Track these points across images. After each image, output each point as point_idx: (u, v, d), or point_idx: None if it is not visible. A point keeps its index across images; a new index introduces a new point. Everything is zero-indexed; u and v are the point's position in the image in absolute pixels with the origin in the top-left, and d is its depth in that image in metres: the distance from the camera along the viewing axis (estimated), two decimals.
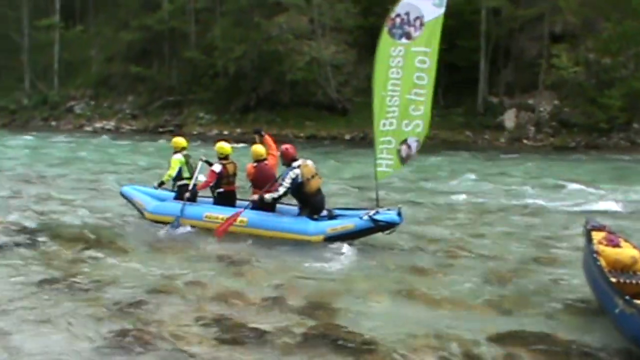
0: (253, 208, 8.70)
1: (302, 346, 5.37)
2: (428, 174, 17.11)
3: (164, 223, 9.37)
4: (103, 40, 40.99)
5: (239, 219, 8.67)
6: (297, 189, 8.57)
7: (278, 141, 10.04)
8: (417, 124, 8.52)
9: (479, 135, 27.23)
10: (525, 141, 26.45)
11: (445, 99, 27.50)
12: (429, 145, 24.78)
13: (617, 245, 6.21)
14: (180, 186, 9.84)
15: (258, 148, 9.26)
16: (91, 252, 8.42)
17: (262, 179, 8.95)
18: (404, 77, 8.46)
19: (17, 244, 8.83)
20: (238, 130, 30.99)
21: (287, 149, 8.87)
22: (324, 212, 8.86)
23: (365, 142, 26.52)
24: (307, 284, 7.07)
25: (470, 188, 14.61)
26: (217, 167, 9.45)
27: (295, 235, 8.52)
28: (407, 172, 16.27)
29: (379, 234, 8.59)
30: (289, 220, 8.70)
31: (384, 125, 8.57)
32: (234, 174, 9.63)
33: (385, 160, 8.70)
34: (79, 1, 43.75)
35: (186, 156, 10.05)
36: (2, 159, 20.44)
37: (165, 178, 9.93)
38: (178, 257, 8.18)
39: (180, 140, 10.25)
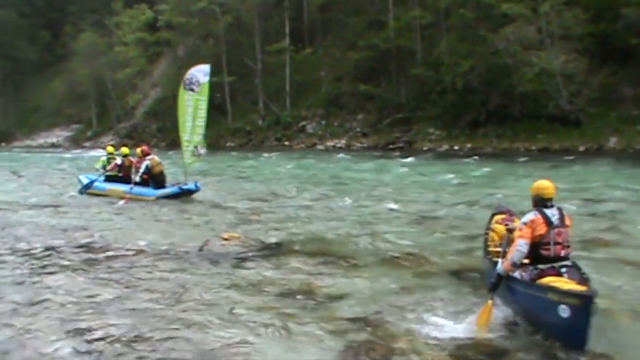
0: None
1: None
2: None
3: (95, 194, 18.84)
4: (331, 61, 47.90)
5: (121, 189, 18.20)
6: (149, 171, 17.96)
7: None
8: (200, 139, 18.30)
9: None
10: None
11: None
12: None
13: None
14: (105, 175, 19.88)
15: (139, 150, 18.84)
16: (326, 267, 9.67)
17: (138, 167, 18.37)
18: (193, 112, 18.21)
19: (255, 258, 10.27)
20: (468, 145, 35.57)
21: (144, 149, 18.77)
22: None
23: (601, 153, 29.16)
24: None
25: None
26: (119, 161, 19.55)
27: (143, 197, 17.59)
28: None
29: None
30: (143, 190, 17.82)
31: (185, 137, 18.30)
32: (129, 166, 18.84)
33: (187, 156, 18.32)
34: (307, 25, 51.17)
35: (110, 158, 20.41)
36: (243, 177, 25.25)
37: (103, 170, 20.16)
38: (411, 273, 9.27)
39: (110, 148, 21.48)
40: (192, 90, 18.31)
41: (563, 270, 6.71)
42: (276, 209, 16.28)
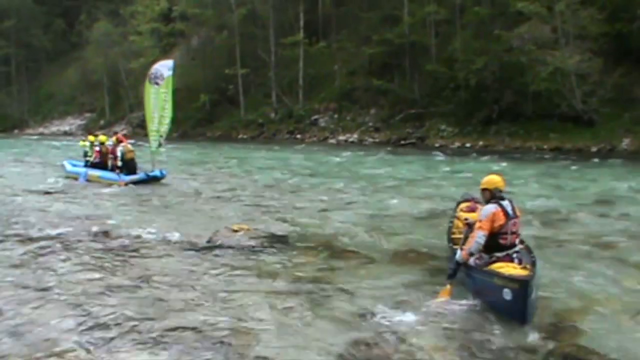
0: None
1: None
2: None
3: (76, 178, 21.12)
4: (345, 55, 48.07)
5: (97, 174, 20.56)
6: (122, 157, 19.75)
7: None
8: (166, 129, 20.46)
9: None
10: None
11: None
12: None
13: (472, 211, 8.99)
14: (86, 161, 22.46)
15: (114, 138, 21.29)
16: (335, 261, 9.83)
17: (114, 153, 20.45)
18: (158, 104, 20.26)
19: (263, 250, 10.39)
20: (480, 142, 35.71)
21: (118, 136, 21.36)
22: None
23: (613, 154, 29.19)
24: (552, 301, 7.75)
25: None
26: (97, 148, 21.49)
27: (116, 182, 19.47)
28: None
29: None
30: (115, 175, 19.80)
31: (152, 127, 20.50)
32: (107, 153, 20.83)
33: (153, 144, 20.48)
34: (322, 18, 51.31)
35: (92, 146, 22.41)
36: (254, 170, 25.45)
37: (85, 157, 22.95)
38: (417, 269, 9.37)
39: (91, 137, 23.73)
40: (156, 84, 20.41)
41: (514, 255, 7.57)
42: (285, 201, 16.53)
